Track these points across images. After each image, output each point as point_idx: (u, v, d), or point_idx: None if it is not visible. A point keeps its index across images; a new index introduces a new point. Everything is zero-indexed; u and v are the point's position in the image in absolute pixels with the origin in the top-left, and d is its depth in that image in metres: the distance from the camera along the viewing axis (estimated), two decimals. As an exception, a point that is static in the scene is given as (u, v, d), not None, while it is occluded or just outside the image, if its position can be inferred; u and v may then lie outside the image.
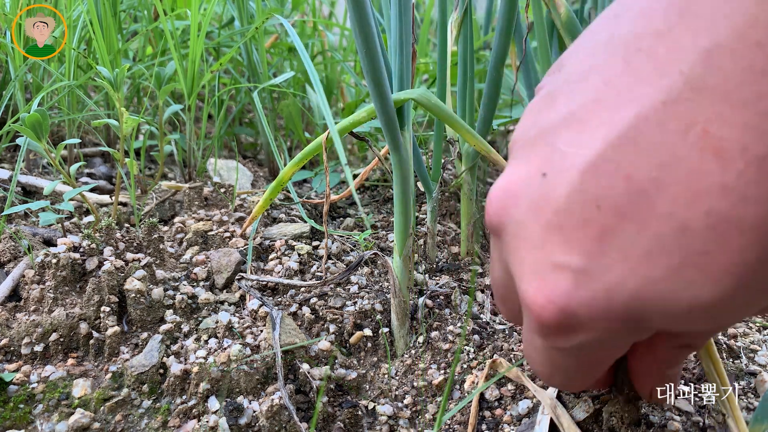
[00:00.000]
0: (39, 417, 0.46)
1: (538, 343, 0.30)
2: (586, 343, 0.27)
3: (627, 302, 0.24)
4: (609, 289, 0.24)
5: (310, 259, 0.65)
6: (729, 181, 0.22)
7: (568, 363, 0.30)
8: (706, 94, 0.22)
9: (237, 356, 0.49)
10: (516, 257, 0.28)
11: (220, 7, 1.09)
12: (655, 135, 0.23)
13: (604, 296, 0.25)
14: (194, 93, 0.81)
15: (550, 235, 0.26)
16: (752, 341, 0.59)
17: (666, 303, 0.24)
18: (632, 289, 0.24)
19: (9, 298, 0.57)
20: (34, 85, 0.86)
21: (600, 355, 0.30)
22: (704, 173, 0.22)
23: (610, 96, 0.25)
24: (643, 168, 0.23)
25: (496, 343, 0.54)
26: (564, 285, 0.25)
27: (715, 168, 0.22)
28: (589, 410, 0.44)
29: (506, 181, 0.28)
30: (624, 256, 0.24)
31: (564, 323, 0.26)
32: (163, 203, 0.78)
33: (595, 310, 0.25)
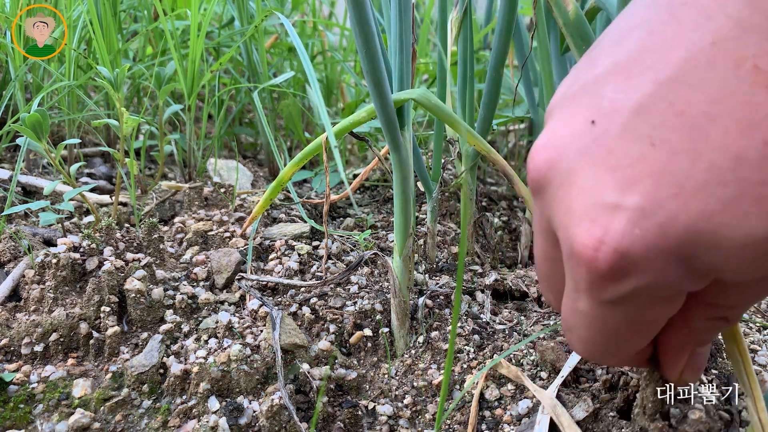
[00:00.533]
0: (39, 417, 0.46)
1: (583, 302, 0.29)
2: (638, 291, 0.26)
3: (681, 237, 0.24)
4: (663, 224, 0.24)
5: (310, 259, 0.65)
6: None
7: (616, 321, 0.29)
8: (754, 32, 0.23)
9: (237, 356, 0.49)
10: (562, 207, 0.27)
11: (220, 7, 1.09)
12: (705, 73, 0.24)
13: (659, 232, 0.24)
14: (194, 93, 0.81)
15: (601, 177, 0.25)
16: (752, 341, 0.59)
17: (721, 237, 0.24)
18: (686, 223, 0.24)
19: (9, 298, 0.57)
20: (34, 85, 0.86)
21: (650, 310, 0.29)
22: (757, 105, 0.23)
23: (657, 43, 0.25)
24: (696, 104, 0.24)
25: (496, 343, 0.54)
26: (618, 224, 0.25)
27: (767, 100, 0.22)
28: (588, 410, 0.44)
29: (549, 135, 0.28)
30: (678, 190, 0.24)
31: (617, 265, 0.25)
32: (163, 203, 0.78)
33: (649, 248, 0.25)
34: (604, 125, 0.26)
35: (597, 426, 0.43)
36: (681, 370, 0.35)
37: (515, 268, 0.72)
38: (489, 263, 0.70)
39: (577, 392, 0.47)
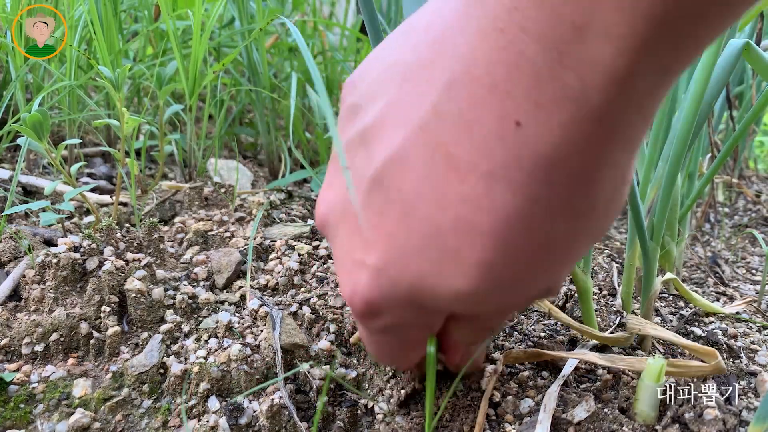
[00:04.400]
0: (39, 417, 0.46)
1: (361, 327, 0.37)
2: (392, 324, 0.33)
3: (408, 290, 0.30)
4: (393, 280, 0.30)
5: (310, 259, 0.65)
6: (466, 192, 0.26)
7: (387, 342, 0.36)
8: (447, 120, 0.26)
9: (237, 356, 0.49)
10: (334, 255, 0.34)
11: (221, 8, 1.09)
12: (416, 154, 0.27)
13: (391, 286, 0.30)
14: (195, 93, 0.81)
15: (352, 238, 0.31)
16: (752, 341, 0.59)
17: (436, 292, 0.29)
18: (409, 280, 0.29)
19: (9, 298, 0.57)
20: (34, 85, 0.86)
21: (408, 334, 0.36)
22: (450, 185, 0.27)
23: (389, 118, 0.29)
24: (408, 182, 0.28)
25: (496, 343, 0.54)
26: (363, 278, 0.31)
27: (456, 182, 0.26)
28: (590, 410, 0.44)
29: (325, 192, 0.34)
30: (401, 253, 0.29)
31: (367, 309, 0.32)
32: (163, 203, 0.78)
33: (386, 298, 0.31)
34: (354, 194, 0.31)
35: (598, 425, 0.43)
36: (457, 363, 0.41)
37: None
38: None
39: (578, 392, 0.47)
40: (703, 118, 0.52)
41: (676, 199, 0.62)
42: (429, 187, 0.27)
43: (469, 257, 0.27)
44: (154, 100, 1.00)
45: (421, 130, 0.27)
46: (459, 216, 0.26)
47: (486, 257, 0.27)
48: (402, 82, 0.29)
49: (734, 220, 1.12)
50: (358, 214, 0.30)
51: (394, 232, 0.29)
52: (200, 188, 0.79)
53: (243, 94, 1.01)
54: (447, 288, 0.28)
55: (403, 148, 0.28)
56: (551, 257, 0.28)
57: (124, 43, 0.95)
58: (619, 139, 0.25)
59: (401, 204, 0.28)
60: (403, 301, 0.31)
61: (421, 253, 0.28)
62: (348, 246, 0.32)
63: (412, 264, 0.29)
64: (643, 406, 0.42)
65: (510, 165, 0.25)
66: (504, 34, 0.24)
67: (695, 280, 0.79)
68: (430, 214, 0.27)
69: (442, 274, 0.28)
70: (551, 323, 0.58)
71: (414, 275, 0.29)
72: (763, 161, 1.71)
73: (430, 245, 0.28)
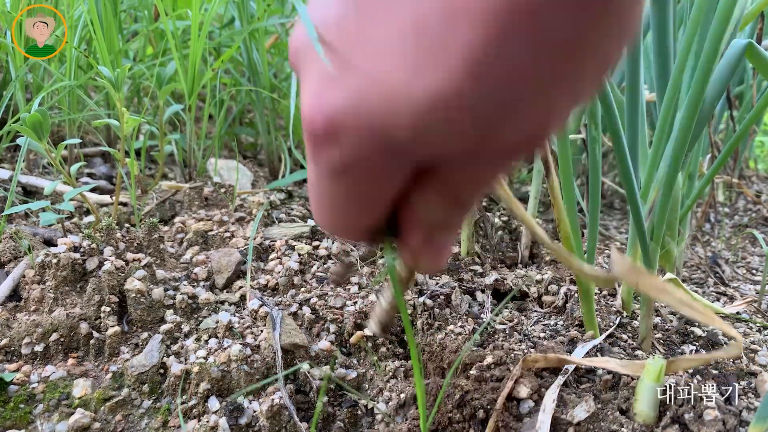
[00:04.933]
0: (39, 417, 0.46)
1: (312, 173, 0.31)
2: (349, 160, 0.28)
3: (378, 105, 0.25)
4: (360, 89, 0.25)
5: (310, 259, 0.65)
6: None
7: (338, 192, 0.30)
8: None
9: (237, 356, 0.49)
10: (302, 87, 0.29)
11: (221, 8, 1.09)
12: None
13: (360, 99, 0.26)
14: (195, 93, 0.81)
15: (323, 55, 0.27)
16: (752, 341, 0.59)
17: (410, 101, 0.25)
18: (381, 87, 0.25)
19: (9, 298, 0.57)
20: (34, 85, 0.86)
21: (366, 185, 0.30)
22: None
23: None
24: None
25: (496, 343, 0.54)
26: (332, 93, 0.27)
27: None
28: (590, 410, 0.44)
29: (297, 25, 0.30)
30: (373, 57, 0.25)
31: (328, 129, 0.27)
32: (163, 203, 0.78)
33: (353, 114, 0.26)
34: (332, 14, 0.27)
35: (598, 426, 0.43)
36: (417, 253, 0.35)
37: (515, 268, 0.72)
38: (489, 263, 0.70)
39: (578, 392, 0.47)
40: (704, 118, 0.52)
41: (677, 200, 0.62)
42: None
43: (455, 50, 0.23)
44: (153, 100, 1.00)
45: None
46: (447, 4, 0.23)
47: (475, 51, 0.23)
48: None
49: (734, 220, 1.12)
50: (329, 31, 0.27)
51: (368, 33, 0.25)
52: (200, 188, 0.79)
53: (243, 94, 1.01)
54: (426, 93, 0.24)
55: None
56: (547, 84, 0.24)
57: (124, 43, 0.95)
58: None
59: (382, 3, 0.24)
60: (369, 124, 0.26)
61: (397, 54, 0.24)
62: (317, 66, 0.28)
63: (382, 66, 0.25)
64: (643, 406, 0.42)
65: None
66: None
67: (695, 280, 0.79)
68: (412, 4, 0.24)
69: (417, 73, 0.24)
70: (551, 323, 0.58)
71: (384, 80, 0.25)
72: (763, 161, 1.71)
73: (407, 44, 0.24)
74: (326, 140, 0.27)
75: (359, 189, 0.30)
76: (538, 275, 0.65)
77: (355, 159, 0.28)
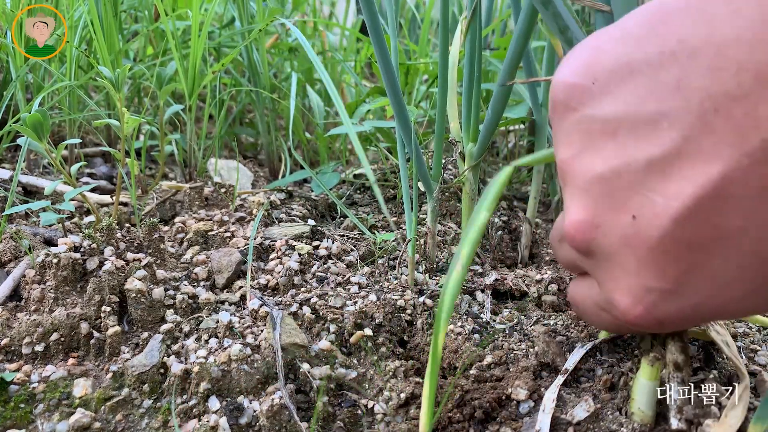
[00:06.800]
0: (40, 417, 0.46)
1: (610, 319, 0.39)
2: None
3: (707, 314, 0.32)
4: (696, 306, 0.31)
5: (310, 259, 0.65)
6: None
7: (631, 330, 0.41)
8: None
9: (237, 356, 0.49)
10: (609, 277, 0.34)
11: (221, 8, 1.09)
12: (739, 191, 0.27)
13: (692, 310, 0.32)
14: (195, 93, 0.81)
15: (644, 267, 0.31)
16: (752, 341, 0.59)
17: (737, 312, 0.32)
18: (715, 306, 0.31)
19: (10, 298, 0.57)
20: (34, 85, 0.86)
21: None
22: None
23: (692, 152, 0.28)
24: (730, 218, 0.28)
25: (496, 343, 0.54)
26: (660, 304, 0.32)
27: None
28: (590, 410, 0.44)
29: (590, 216, 0.33)
30: (710, 282, 0.30)
31: (655, 324, 0.34)
32: (163, 203, 0.78)
33: (682, 318, 0.33)
34: (645, 224, 0.30)
35: (598, 426, 0.43)
36: None
37: (515, 268, 0.72)
38: (489, 263, 0.70)
39: (578, 392, 0.47)
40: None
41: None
42: (755, 223, 0.27)
43: None
44: (154, 100, 1.00)
45: (750, 167, 0.27)
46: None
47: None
48: (705, 113, 0.27)
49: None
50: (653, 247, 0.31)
51: (704, 263, 0.30)
52: (200, 188, 0.79)
53: (243, 94, 1.01)
54: (756, 311, 0.33)
55: (721, 185, 0.27)
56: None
57: (124, 43, 0.95)
58: None
59: (717, 240, 0.29)
60: (697, 319, 0.34)
61: (735, 282, 0.30)
62: (635, 273, 0.32)
63: (722, 292, 0.30)
64: (641, 405, 0.42)
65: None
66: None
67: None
68: (757, 248, 0.28)
69: (755, 302, 0.31)
70: (551, 323, 0.58)
71: (723, 302, 0.31)
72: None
73: (747, 276, 0.29)
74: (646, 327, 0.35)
75: None
76: (538, 275, 0.65)
77: None
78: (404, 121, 0.60)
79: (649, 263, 0.31)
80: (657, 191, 0.29)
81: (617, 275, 0.33)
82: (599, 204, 0.33)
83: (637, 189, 0.30)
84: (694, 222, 0.28)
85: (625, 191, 0.31)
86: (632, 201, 0.31)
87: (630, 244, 0.31)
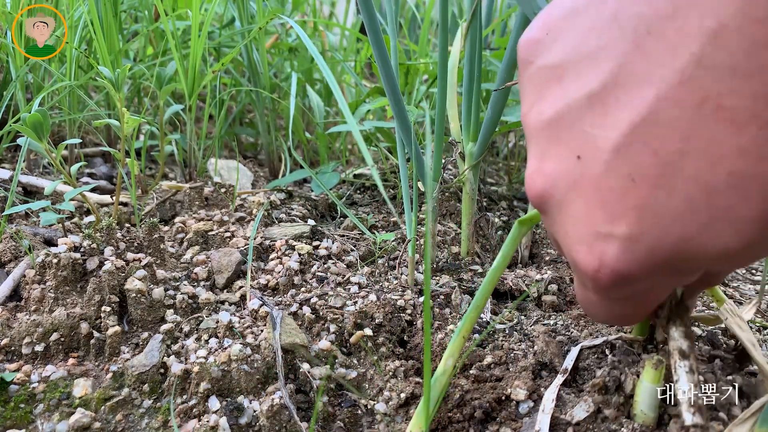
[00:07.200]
0: (40, 417, 0.46)
1: (593, 297, 0.35)
2: (636, 291, 0.32)
3: (666, 256, 0.29)
4: (650, 248, 0.29)
5: (310, 259, 0.65)
6: (745, 144, 0.25)
7: (622, 308, 0.35)
8: (716, 71, 0.25)
9: (237, 356, 0.49)
10: (561, 230, 0.32)
11: (221, 8, 1.09)
12: (674, 112, 0.26)
13: (647, 254, 0.29)
14: (195, 93, 0.81)
15: (591, 210, 0.30)
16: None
17: (699, 253, 0.28)
18: (669, 246, 0.28)
19: (10, 298, 0.57)
20: (34, 85, 0.86)
21: (648, 298, 0.35)
22: (722, 140, 0.25)
23: (627, 78, 0.27)
24: (669, 142, 0.26)
25: (496, 343, 0.54)
26: (612, 250, 0.30)
27: (732, 134, 0.25)
28: (589, 410, 0.44)
29: (540, 165, 0.32)
30: (660, 220, 0.28)
31: (615, 281, 0.30)
32: (163, 203, 0.78)
33: (641, 266, 0.29)
34: (588, 161, 0.29)
35: (598, 426, 0.43)
36: None
37: (515, 268, 0.72)
38: (489, 263, 0.70)
39: (577, 392, 0.47)
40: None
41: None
42: (695, 144, 0.26)
43: (744, 213, 0.26)
44: (154, 100, 1.00)
45: (681, 85, 0.25)
46: (734, 170, 0.25)
47: (765, 210, 0.26)
48: (639, 38, 0.27)
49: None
50: (597, 186, 0.29)
51: (649, 197, 0.27)
52: (200, 188, 0.79)
53: (243, 94, 1.01)
54: (716, 247, 0.27)
55: (656, 107, 0.26)
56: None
57: (124, 43, 0.95)
58: None
59: (659, 166, 0.27)
60: (659, 267, 0.29)
61: (685, 216, 0.27)
62: (585, 219, 0.30)
63: (673, 229, 0.27)
64: (643, 407, 0.42)
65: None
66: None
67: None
68: (697, 172, 0.26)
69: (710, 235, 0.27)
70: (551, 323, 0.58)
71: (676, 239, 0.28)
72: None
73: (695, 207, 0.27)
74: (614, 287, 0.31)
75: (642, 302, 0.35)
76: (538, 275, 0.65)
77: (641, 291, 0.33)
78: (404, 121, 0.60)
79: (596, 204, 0.29)
80: (597, 126, 0.28)
81: (570, 226, 0.31)
82: (547, 151, 0.32)
83: (580, 127, 0.29)
84: (634, 150, 0.27)
85: (568, 132, 0.30)
86: (576, 141, 0.30)
87: (577, 187, 0.30)
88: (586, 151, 0.29)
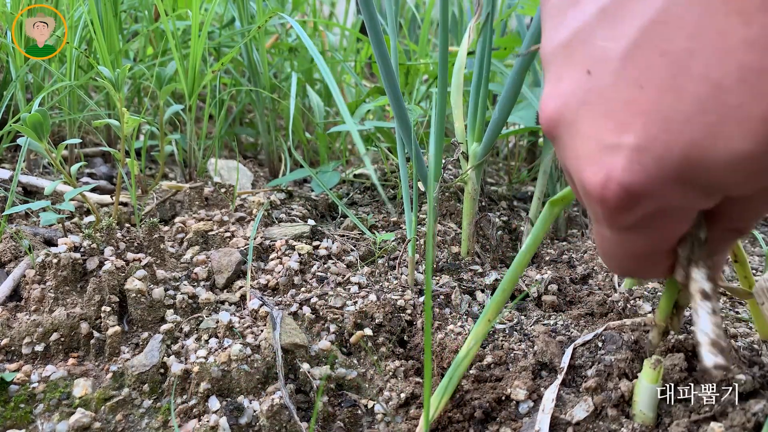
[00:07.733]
0: (40, 416, 0.46)
1: (606, 231, 0.33)
2: (648, 215, 0.30)
3: (677, 165, 0.27)
4: (659, 156, 0.27)
5: (310, 259, 0.65)
6: (753, 35, 0.24)
7: (636, 241, 0.33)
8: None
9: (237, 356, 0.49)
10: (572, 154, 0.31)
11: (221, 8, 1.09)
12: (681, 12, 0.26)
13: (656, 164, 0.27)
14: (195, 93, 0.81)
15: (599, 122, 0.28)
16: (752, 341, 0.59)
17: (712, 160, 0.26)
18: (679, 152, 0.27)
19: (10, 298, 0.57)
20: (35, 85, 0.86)
21: (664, 229, 0.32)
22: (730, 33, 0.24)
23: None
24: (677, 41, 0.26)
25: (496, 342, 0.54)
26: (618, 162, 0.28)
27: (739, 26, 0.24)
28: (589, 409, 0.44)
29: (553, 87, 0.31)
30: (668, 125, 0.26)
31: (624, 197, 0.29)
32: (163, 203, 0.78)
33: (650, 178, 0.28)
34: (597, 74, 0.28)
35: (597, 426, 0.43)
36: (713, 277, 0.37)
37: (515, 268, 0.72)
38: (489, 263, 0.70)
39: (577, 391, 0.47)
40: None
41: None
42: (703, 40, 0.25)
43: (754, 111, 0.25)
44: (154, 100, 1.00)
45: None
46: (743, 64, 0.24)
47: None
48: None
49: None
50: (606, 97, 0.28)
51: (658, 103, 0.26)
52: (200, 188, 0.79)
53: (243, 94, 1.01)
54: (727, 152, 0.26)
55: (663, 9, 0.26)
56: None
57: (124, 43, 0.95)
58: None
59: (667, 68, 0.26)
60: (670, 179, 0.28)
61: (694, 118, 0.26)
62: (593, 134, 0.29)
63: (682, 133, 0.26)
64: (642, 407, 0.42)
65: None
66: None
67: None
68: (706, 69, 0.25)
69: (720, 138, 0.26)
70: (551, 323, 0.58)
71: (685, 145, 0.26)
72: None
73: (704, 107, 0.25)
74: (624, 206, 0.29)
75: (655, 237, 0.33)
76: (538, 275, 0.65)
77: (652, 214, 0.30)
78: (404, 121, 0.60)
79: (604, 115, 0.28)
80: (608, 38, 0.28)
81: (578, 147, 0.30)
82: (561, 74, 0.31)
83: (592, 42, 0.29)
84: (642, 55, 0.27)
85: (581, 50, 0.29)
86: (587, 56, 0.29)
87: (586, 102, 0.29)
88: (596, 64, 0.28)
